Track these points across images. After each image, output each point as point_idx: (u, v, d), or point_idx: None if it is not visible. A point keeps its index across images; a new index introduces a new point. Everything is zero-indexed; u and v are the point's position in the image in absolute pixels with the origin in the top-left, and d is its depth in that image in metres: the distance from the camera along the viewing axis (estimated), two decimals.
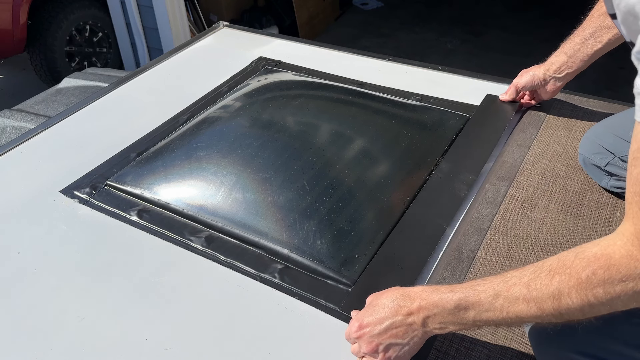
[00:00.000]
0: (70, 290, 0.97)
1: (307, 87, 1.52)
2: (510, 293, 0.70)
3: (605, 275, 0.64)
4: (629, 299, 0.64)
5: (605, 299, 0.65)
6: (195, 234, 1.06)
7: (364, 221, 1.08)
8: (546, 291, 0.68)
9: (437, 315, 0.75)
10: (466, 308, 0.73)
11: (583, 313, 0.67)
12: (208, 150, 1.24)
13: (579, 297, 0.66)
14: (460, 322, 0.74)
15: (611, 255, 0.64)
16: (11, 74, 3.90)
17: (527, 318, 0.70)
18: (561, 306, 0.67)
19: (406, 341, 0.77)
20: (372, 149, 1.27)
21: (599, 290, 0.64)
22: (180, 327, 0.90)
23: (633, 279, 0.63)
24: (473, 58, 3.95)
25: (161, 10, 3.34)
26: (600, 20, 1.15)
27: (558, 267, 0.68)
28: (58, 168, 1.26)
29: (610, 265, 0.64)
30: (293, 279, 0.97)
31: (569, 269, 0.67)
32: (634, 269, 0.62)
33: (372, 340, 0.78)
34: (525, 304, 0.69)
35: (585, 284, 0.65)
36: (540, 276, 0.69)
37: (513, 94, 1.37)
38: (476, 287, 0.73)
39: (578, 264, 0.66)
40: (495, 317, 0.71)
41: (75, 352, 0.86)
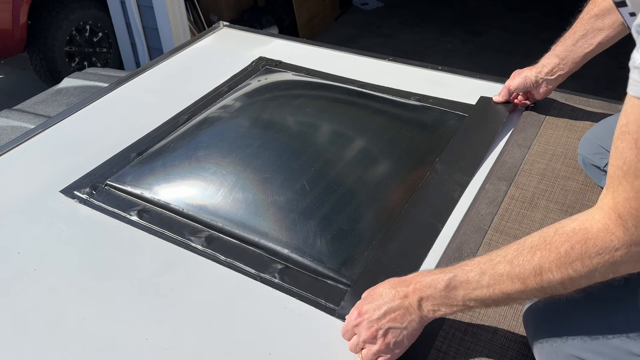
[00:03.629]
0: (70, 290, 0.97)
1: (307, 87, 1.52)
2: (495, 270, 0.73)
3: (582, 249, 0.66)
4: (606, 270, 0.65)
5: (584, 272, 0.66)
6: (195, 234, 1.06)
7: (363, 221, 1.08)
8: (528, 267, 0.70)
9: (430, 297, 0.77)
10: (455, 287, 0.75)
11: (564, 286, 0.69)
12: (208, 150, 1.24)
13: (559, 272, 0.67)
14: (452, 303, 0.76)
15: (588, 229, 0.66)
16: (11, 74, 3.90)
17: (512, 294, 0.72)
18: (543, 281, 0.69)
19: (404, 325, 0.78)
20: (372, 149, 1.27)
21: (577, 264, 0.66)
22: (180, 327, 0.90)
23: (609, 252, 0.64)
24: (473, 58, 3.95)
25: (161, 10, 3.34)
26: (591, 22, 1.15)
27: (539, 244, 0.70)
28: (58, 168, 1.27)
29: (587, 239, 0.66)
30: (293, 279, 0.97)
31: (549, 244, 0.69)
32: (609, 242, 0.64)
33: (372, 325, 0.79)
34: (509, 280, 0.71)
35: (565, 259, 0.67)
36: (522, 253, 0.71)
37: (506, 95, 1.37)
38: (464, 267, 0.76)
39: (557, 240, 0.68)
40: (483, 294, 0.74)
41: (75, 352, 0.86)
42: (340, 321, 0.89)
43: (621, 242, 0.63)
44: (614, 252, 0.64)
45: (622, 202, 0.62)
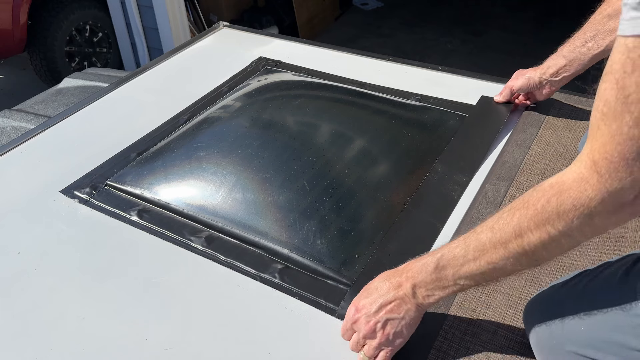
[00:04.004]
0: (70, 290, 0.97)
1: (307, 87, 1.52)
2: (479, 240, 0.72)
3: (558, 201, 0.64)
4: (583, 224, 0.63)
5: (562, 227, 0.64)
6: (195, 234, 1.06)
7: (363, 221, 1.08)
8: (509, 229, 0.69)
9: (422, 282, 0.77)
10: (444, 267, 0.75)
11: (545, 248, 0.67)
12: (208, 150, 1.24)
13: (538, 230, 0.66)
14: (444, 285, 0.76)
15: (564, 181, 0.64)
16: (11, 74, 3.90)
17: (498, 263, 0.70)
18: (524, 242, 0.67)
19: (402, 315, 0.78)
20: (372, 149, 1.27)
21: (554, 218, 0.64)
22: (180, 327, 0.90)
23: (583, 202, 0.62)
24: (473, 58, 3.95)
25: (161, 10, 3.34)
26: (602, 22, 1.14)
27: (518, 204, 0.69)
28: (58, 168, 1.27)
29: (562, 191, 0.64)
30: (293, 278, 0.97)
31: (527, 202, 0.68)
32: (583, 191, 0.62)
33: (370, 319, 0.79)
34: (492, 248, 0.70)
35: (541, 214, 0.65)
36: (502, 216, 0.70)
37: (507, 95, 1.37)
38: (451, 244, 0.76)
39: (535, 196, 0.67)
40: (471, 269, 0.73)
41: (75, 352, 0.86)
42: (341, 321, 0.89)
43: (595, 190, 0.61)
44: (588, 202, 0.61)
45: (597, 148, 0.60)
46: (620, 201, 0.60)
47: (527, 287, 0.94)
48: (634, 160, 0.57)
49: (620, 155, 0.58)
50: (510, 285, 0.95)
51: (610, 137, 0.58)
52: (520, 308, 0.90)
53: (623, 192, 0.59)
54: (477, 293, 0.93)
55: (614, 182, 0.59)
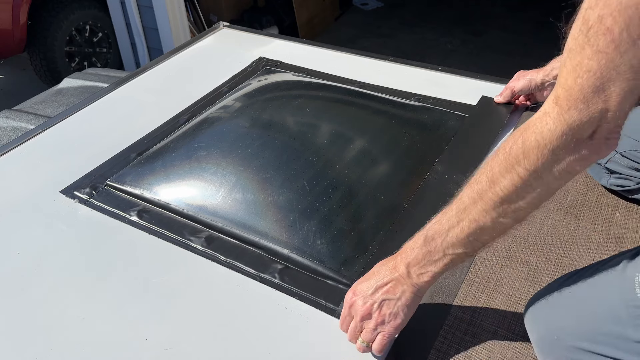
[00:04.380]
0: (70, 290, 0.97)
1: (307, 88, 1.52)
2: (460, 199, 0.72)
3: (522, 139, 0.65)
4: (549, 162, 0.63)
5: (529, 166, 0.64)
6: (195, 234, 1.06)
7: (364, 221, 1.08)
8: (483, 179, 0.69)
9: (414, 260, 0.77)
10: (433, 238, 0.75)
11: (518, 193, 0.66)
12: (208, 150, 1.24)
13: (508, 172, 0.66)
14: (435, 258, 0.75)
15: (530, 120, 0.65)
16: (11, 74, 3.90)
17: (480, 220, 0.70)
18: (497, 189, 0.67)
19: (397, 295, 0.78)
20: (372, 149, 1.27)
21: (520, 158, 0.65)
22: (180, 327, 0.90)
23: (546, 137, 0.62)
24: (473, 58, 3.95)
25: (161, 10, 3.34)
26: None
27: (494, 154, 0.69)
28: (58, 168, 1.27)
29: (526, 129, 0.65)
30: (293, 279, 0.97)
31: (499, 150, 0.68)
32: (544, 125, 0.62)
33: (366, 301, 0.79)
34: (472, 204, 0.70)
35: (509, 156, 0.66)
36: (479, 171, 0.71)
37: (508, 96, 1.37)
38: (437, 216, 0.76)
39: (506, 141, 0.68)
40: (457, 234, 0.72)
41: (75, 352, 0.86)
42: None
43: (555, 121, 0.61)
44: (549, 135, 0.62)
45: (561, 83, 0.61)
46: (579, 136, 0.61)
47: (527, 287, 0.94)
48: (592, 93, 0.59)
49: (579, 87, 0.59)
50: (510, 285, 0.95)
51: (572, 70, 0.59)
52: (520, 308, 0.90)
53: (581, 125, 0.60)
54: (477, 293, 0.93)
55: (572, 114, 0.60)
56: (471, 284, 0.95)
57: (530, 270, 0.97)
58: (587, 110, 0.60)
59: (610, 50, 0.56)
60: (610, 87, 0.58)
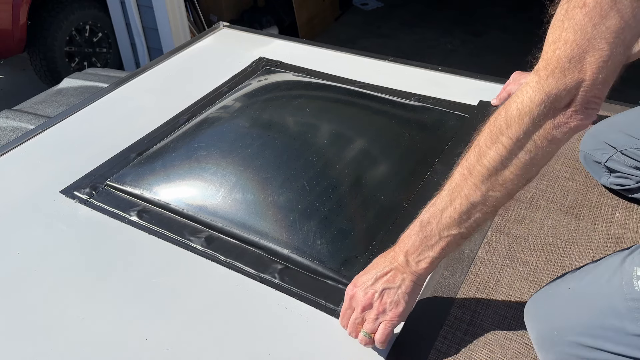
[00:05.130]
0: (70, 290, 0.97)
1: (307, 88, 1.52)
2: (452, 179, 0.74)
3: (505, 110, 0.68)
4: (531, 131, 0.66)
5: (513, 136, 0.67)
6: (195, 234, 1.06)
7: (363, 221, 1.08)
8: (472, 155, 0.71)
9: (412, 247, 0.78)
10: (428, 222, 0.76)
11: (504, 164, 0.69)
12: (208, 150, 1.24)
13: (494, 144, 0.69)
14: (431, 242, 0.76)
15: (514, 94, 0.68)
16: (11, 74, 3.90)
17: (471, 197, 0.71)
18: (485, 161, 0.69)
19: (398, 284, 0.79)
20: (372, 149, 1.27)
21: (504, 128, 0.68)
22: (180, 327, 0.90)
23: (527, 107, 0.65)
24: (473, 58, 3.95)
25: (161, 10, 3.34)
26: None
27: (481, 129, 0.72)
28: (58, 168, 1.27)
29: (509, 102, 0.68)
30: (293, 279, 0.97)
31: (485, 124, 0.71)
32: (525, 94, 0.66)
33: (367, 291, 0.80)
34: (463, 180, 0.72)
35: (494, 127, 0.69)
36: (470, 147, 0.73)
37: (504, 99, 1.37)
38: (431, 200, 0.77)
39: (492, 117, 0.70)
40: (451, 214, 0.73)
41: (75, 352, 0.86)
42: None
43: (534, 90, 0.65)
44: (529, 103, 0.65)
45: (542, 56, 0.65)
46: (556, 104, 0.65)
47: (527, 287, 0.94)
48: (568, 62, 0.62)
49: (556, 58, 0.63)
50: (510, 285, 0.95)
51: (552, 42, 0.64)
52: (520, 308, 0.90)
53: (558, 93, 0.64)
54: (477, 293, 0.93)
55: (550, 82, 0.64)
56: (471, 284, 0.95)
57: (530, 270, 0.97)
58: (563, 79, 0.63)
59: (585, 22, 0.61)
60: (585, 58, 0.62)
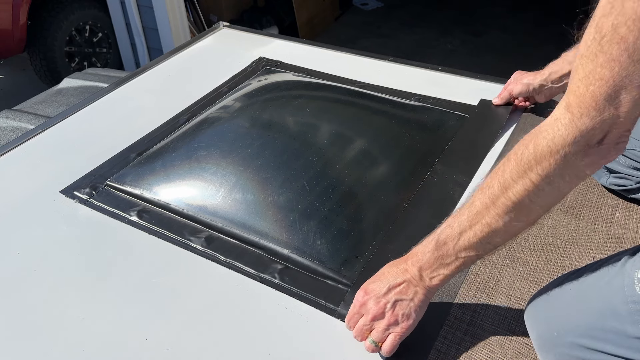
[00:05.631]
0: (70, 290, 0.97)
1: (307, 88, 1.52)
2: (472, 205, 0.73)
3: (534, 145, 0.66)
4: (560, 167, 0.64)
5: (541, 172, 0.65)
6: (195, 234, 1.06)
7: (364, 221, 1.08)
8: (495, 185, 0.70)
9: (426, 263, 0.78)
10: (444, 242, 0.76)
11: (530, 198, 0.68)
12: (208, 150, 1.24)
13: (520, 178, 0.67)
14: (447, 262, 0.76)
15: (540, 126, 0.66)
16: (11, 74, 3.90)
17: (492, 224, 0.71)
18: (510, 194, 0.68)
19: (410, 297, 0.79)
20: (372, 149, 1.27)
21: (532, 164, 0.66)
22: (180, 327, 0.90)
23: (557, 143, 0.63)
24: (473, 58, 3.95)
25: (161, 10, 3.34)
26: None
27: (504, 159, 0.71)
28: (58, 168, 1.27)
29: (537, 134, 0.66)
30: (293, 279, 0.97)
31: (510, 155, 0.69)
32: (556, 131, 0.63)
33: (379, 300, 0.80)
34: (485, 209, 0.71)
35: (521, 162, 0.67)
36: (490, 175, 0.72)
37: (506, 99, 1.36)
38: (447, 220, 0.77)
39: (516, 146, 0.69)
40: (469, 238, 0.73)
41: (75, 352, 0.86)
42: (340, 321, 0.89)
43: (567, 128, 0.62)
44: (561, 142, 0.63)
45: (572, 90, 0.62)
46: (589, 142, 0.62)
47: (527, 287, 0.94)
48: (604, 100, 0.59)
49: (591, 95, 0.60)
50: (510, 285, 0.95)
51: (585, 77, 0.60)
52: (520, 308, 0.90)
53: (593, 131, 0.62)
54: (477, 293, 0.93)
55: (584, 120, 0.61)
56: (471, 284, 0.95)
57: (530, 270, 0.97)
58: (598, 117, 0.60)
59: (623, 58, 0.57)
60: (622, 95, 0.59)
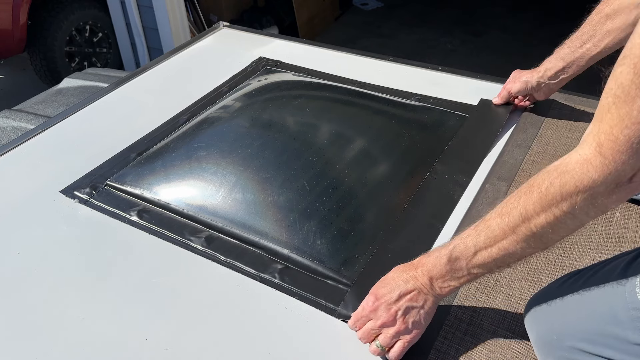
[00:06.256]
0: (70, 290, 0.97)
1: (307, 88, 1.52)
2: (489, 228, 0.73)
3: (561, 183, 0.65)
4: (587, 205, 0.65)
5: (566, 209, 0.66)
6: (195, 234, 1.06)
7: (363, 221, 1.08)
8: (516, 214, 0.70)
9: (437, 275, 0.79)
10: (458, 258, 0.77)
11: (553, 229, 0.68)
12: (208, 150, 1.24)
13: (544, 212, 0.68)
14: (458, 275, 0.78)
15: (568, 162, 0.66)
16: (11, 74, 3.90)
17: (509, 249, 0.72)
18: (531, 225, 0.69)
19: (421, 304, 0.80)
20: (372, 149, 1.27)
21: (558, 200, 0.66)
22: (180, 327, 0.90)
23: (586, 184, 0.63)
24: (473, 58, 3.95)
25: (161, 10, 3.34)
26: (600, 23, 1.12)
27: (524, 188, 0.71)
28: (58, 168, 1.27)
29: (565, 172, 0.65)
30: (293, 279, 0.97)
31: (532, 186, 0.69)
32: (586, 173, 0.63)
33: (390, 307, 0.80)
34: (502, 234, 0.72)
35: (546, 196, 0.67)
36: (510, 202, 0.72)
37: (505, 98, 1.37)
38: (462, 235, 0.77)
39: (539, 179, 0.69)
40: (484, 258, 0.75)
41: (75, 352, 0.86)
42: (340, 321, 0.89)
43: (598, 172, 0.62)
44: (591, 184, 0.63)
45: (605, 130, 0.61)
46: (619, 181, 0.62)
47: (527, 287, 0.94)
48: (638, 144, 0.59)
49: (626, 139, 0.59)
50: (510, 285, 0.95)
51: (619, 120, 0.59)
52: (520, 308, 0.90)
53: (624, 175, 0.61)
54: (477, 293, 0.93)
55: (617, 165, 0.61)
56: (471, 284, 0.95)
57: (530, 270, 0.97)
58: (632, 160, 0.60)
59: None
60: None
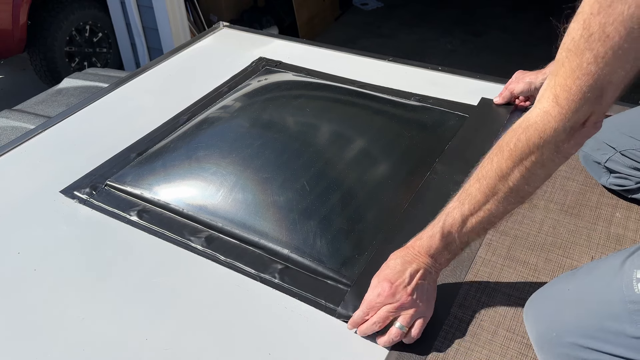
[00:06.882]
0: (70, 290, 0.97)
1: (307, 88, 1.52)
2: (470, 194, 0.79)
3: (526, 137, 0.72)
4: (552, 153, 0.71)
5: (535, 159, 0.72)
6: (195, 234, 1.06)
7: (363, 221, 1.08)
8: (492, 174, 0.76)
9: (435, 251, 0.84)
10: (449, 232, 0.82)
11: (527, 182, 0.75)
12: (208, 150, 1.24)
13: (516, 167, 0.74)
14: (453, 248, 0.83)
15: (529, 117, 0.72)
16: (11, 74, 3.90)
17: (492, 209, 0.78)
18: (508, 182, 0.75)
19: (428, 280, 0.85)
20: (372, 149, 1.27)
21: (526, 153, 0.72)
22: (180, 327, 0.90)
23: (549, 134, 0.69)
24: (473, 58, 3.95)
25: (161, 10, 3.34)
26: None
27: (495, 150, 0.77)
28: (58, 168, 1.27)
29: (528, 127, 0.72)
30: (293, 279, 0.97)
31: (501, 146, 0.76)
32: (547, 123, 0.69)
33: (406, 288, 0.83)
34: (484, 197, 0.78)
35: (514, 151, 0.73)
36: (484, 164, 0.78)
37: (507, 98, 1.37)
38: (447, 209, 0.82)
39: (507, 137, 0.75)
40: (472, 224, 0.80)
41: (75, 352, 0.86)
42: (341, 321, 0.89)
43: (557, 120, 0.68)
44: (552, 133, 0.69)
45: (559, 82, 0.67)
46: (575, 126, 0.69)
47: (527, 287, 0.94)
48: (589, 93, 0.65)
49: (578, 89, 0.65)
50: (510, 285, 0.95)
51: (571, 72, 0.65)
52: (520, 308, 0.90)
53: (578, 119, 0.68)
54: (477, 293, 0.93)
55: (572, 112, 0.67)
56: (471, 284, 0.95)
57: (530, 270, 0.97)
58: (586, 108, 0.67)
59: (609, 56, 0.62)
60: (606, 87, 0.65)
